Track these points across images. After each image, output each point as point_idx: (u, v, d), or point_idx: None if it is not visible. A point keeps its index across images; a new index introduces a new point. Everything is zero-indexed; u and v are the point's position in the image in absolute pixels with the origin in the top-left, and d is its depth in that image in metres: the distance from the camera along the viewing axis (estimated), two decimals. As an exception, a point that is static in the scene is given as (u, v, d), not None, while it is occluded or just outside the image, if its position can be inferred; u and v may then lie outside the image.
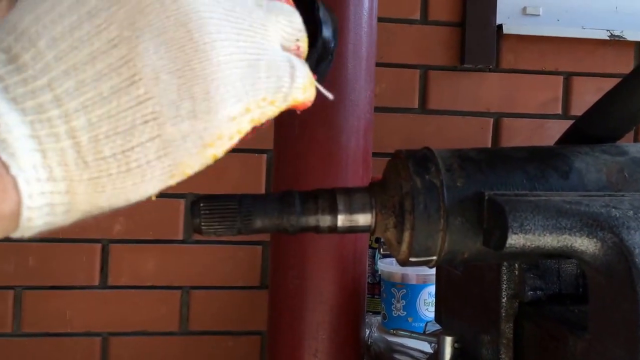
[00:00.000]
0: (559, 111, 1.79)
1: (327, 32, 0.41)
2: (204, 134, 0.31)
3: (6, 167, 0.27)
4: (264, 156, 1.71)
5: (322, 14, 0.42)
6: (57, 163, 0.28)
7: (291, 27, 0.35)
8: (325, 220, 0.51)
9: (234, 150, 0.35)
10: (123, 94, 0.29)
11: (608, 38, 1.75)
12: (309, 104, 0.36)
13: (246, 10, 0.32)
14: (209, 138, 0.31)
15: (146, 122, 0.29)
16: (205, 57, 0.30)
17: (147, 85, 0.29)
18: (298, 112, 0.36)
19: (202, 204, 0.49)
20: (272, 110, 0.33)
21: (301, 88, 0.35)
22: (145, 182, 0.30)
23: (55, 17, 0.29)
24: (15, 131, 0.28)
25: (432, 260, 0.53)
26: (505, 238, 0.48)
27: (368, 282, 1.29)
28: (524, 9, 1.77)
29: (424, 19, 1.74)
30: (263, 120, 0.34)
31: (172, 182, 0.31)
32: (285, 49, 0.35)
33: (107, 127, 0.29)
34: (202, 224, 0.49)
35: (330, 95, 0.36)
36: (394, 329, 1.05)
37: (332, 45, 0.42)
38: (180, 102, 0.29)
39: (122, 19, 0.29)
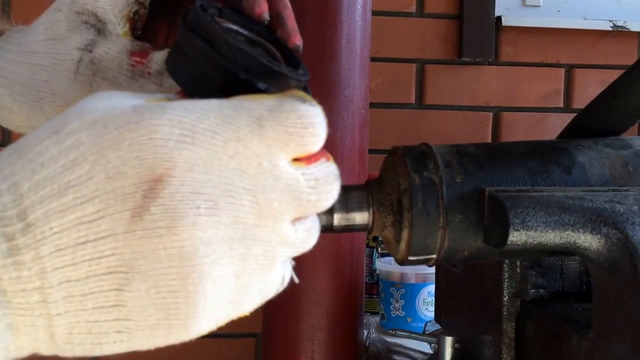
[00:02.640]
0: (561, 104, 1.78)
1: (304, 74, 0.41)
2: (170, 342, 0.34)
3: None
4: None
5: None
6: (30, 340, 0.32)
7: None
8: (320, 220, 0.50)
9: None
10: (105, 312, 0.32)
11: (610, 29, 1.74)
12: None
13: (259, 232, 0.34)
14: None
15: (120, 332, 0.32)
16: (193, 306, 0.32)
17: (129, 311, 0.32)
18: None
19: None
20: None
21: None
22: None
23: (65, 226, 0.31)
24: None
25: (431, 258, 0.53)
26: (506, 235, 0.48)
27: (366, 282, 1.28)
28: (524, 0, 1.76)
29: (420, 12, 1.73)
30: None
31: None
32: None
33: (82, 329, 0.32)
34: None
35: (296, 279, 0.40)
36: (392, 330, 1.04)
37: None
38: (157, 328, 0.33)
39: (125, 253, 0.31)
